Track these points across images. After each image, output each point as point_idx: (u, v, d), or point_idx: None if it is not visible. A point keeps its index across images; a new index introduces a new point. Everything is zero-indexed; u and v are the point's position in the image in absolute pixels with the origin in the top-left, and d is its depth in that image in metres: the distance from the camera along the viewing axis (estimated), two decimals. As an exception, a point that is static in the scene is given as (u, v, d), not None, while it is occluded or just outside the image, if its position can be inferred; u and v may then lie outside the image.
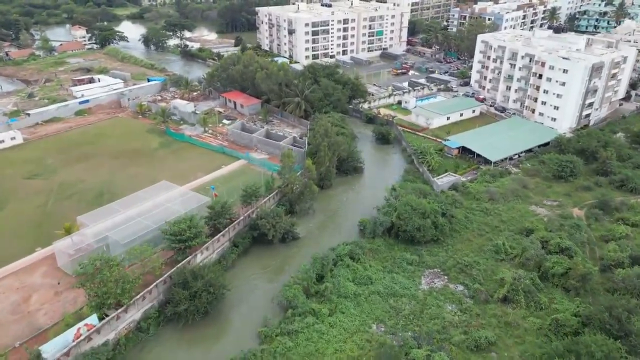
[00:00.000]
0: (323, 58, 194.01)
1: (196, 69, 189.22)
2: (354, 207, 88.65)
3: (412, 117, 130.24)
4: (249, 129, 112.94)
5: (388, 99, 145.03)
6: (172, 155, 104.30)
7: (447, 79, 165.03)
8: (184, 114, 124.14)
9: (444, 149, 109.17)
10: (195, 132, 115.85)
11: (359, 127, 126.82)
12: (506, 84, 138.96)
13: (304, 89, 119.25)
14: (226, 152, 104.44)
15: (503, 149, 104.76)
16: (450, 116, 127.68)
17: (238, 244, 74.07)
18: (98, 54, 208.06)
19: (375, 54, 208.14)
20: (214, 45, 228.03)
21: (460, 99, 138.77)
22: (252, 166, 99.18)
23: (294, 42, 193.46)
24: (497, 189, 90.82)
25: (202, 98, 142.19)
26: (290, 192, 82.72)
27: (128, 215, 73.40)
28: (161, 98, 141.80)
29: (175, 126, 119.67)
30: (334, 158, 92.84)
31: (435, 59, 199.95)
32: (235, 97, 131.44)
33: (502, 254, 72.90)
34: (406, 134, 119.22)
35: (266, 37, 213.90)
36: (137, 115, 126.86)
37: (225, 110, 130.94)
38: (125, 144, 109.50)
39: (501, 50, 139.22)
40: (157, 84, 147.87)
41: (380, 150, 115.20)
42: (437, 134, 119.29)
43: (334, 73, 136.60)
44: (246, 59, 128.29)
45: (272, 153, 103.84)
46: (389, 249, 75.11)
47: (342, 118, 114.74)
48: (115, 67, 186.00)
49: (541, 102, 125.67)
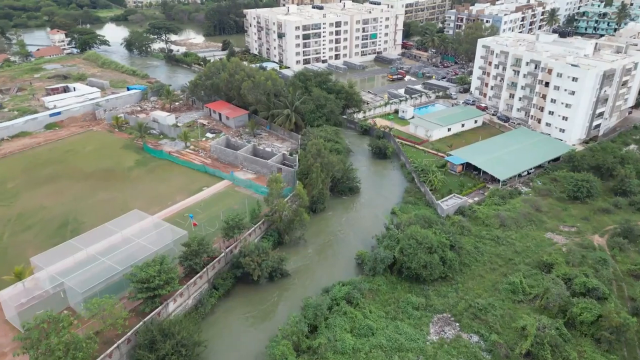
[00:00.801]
0: (315, 63, 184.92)
1: (181, 75, 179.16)
2: (351, 235, 79.53)
3: (411, 128, 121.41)
4: (234, 144, 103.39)
5: (384, 108, 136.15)
6: (148, 176, 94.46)
7: (445, 85, 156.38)
8: (164, 127, 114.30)
9: (447, 165, 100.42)
10: (175, 148, 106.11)
11: (353, 140, 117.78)
12: (509, 92, 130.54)
13: (294, 100, 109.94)
14: (209, 171, 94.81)
15: (511, 166, 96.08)
16: (451, 127, 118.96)
17: (218, 285, 64.56)
18: (77, 59, 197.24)
19: (369, 58, 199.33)
20: (201, 49, 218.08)
21: (461, 108, 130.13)
22: (237, 188, 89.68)
23: (284, 46, 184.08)
24: (507, 213, 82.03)
25: (185, 108, 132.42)
26: (279, 220, 73.41)
27: (91, 254, 63.67)
28: (141, 109, 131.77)
29: (155, 141, 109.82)
30: (327, 180, 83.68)
31: (432, 63, 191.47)
32: (220, 108, 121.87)
33: (520, 294, 64.05)
34: (405, 148, 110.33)
35: (255, 41, 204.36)
36: (112, 129, 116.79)
37: (210, 123, 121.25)
38: (97, 162, 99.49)
39: (504, 56, 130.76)
40: (137, 93, 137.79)
41: (378, 165, 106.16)
42: (438, 147, 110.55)
43: (326, 81, 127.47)
44: (232, 67, 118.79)
45: (260, 172, 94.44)
46: (391, 289, 65.93)
47: (335, 132, 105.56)
48: (94, 73, 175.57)
49: (548, 112, 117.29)
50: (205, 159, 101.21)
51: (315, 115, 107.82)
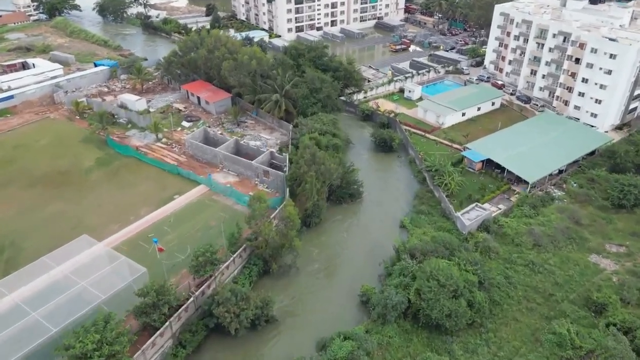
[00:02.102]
0: (309, 31, 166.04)
1: (159, 46, 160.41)
2: (352, 258, 65.45)
3: (419, 112, 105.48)
4: (214, 138, 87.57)
5: (388, 87, 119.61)
6: (110, 180, 79.06)
7: (455, 57, 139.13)
8: (134, 115, 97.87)
9: (464, 161, 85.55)
10: (145, 142, 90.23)
11: (353, 127, 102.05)
12: (531, 68, 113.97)
13: (284, 83, 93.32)
14: (182, 173, 79.47)
15: (540, 163, 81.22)
16: (466, 111, 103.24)
17: (186, 342, 50.71)
18: (44, 27, 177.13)
19: (368, 24, 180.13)
20: (183, 14, 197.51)
21: (475, 87, 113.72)
22: (216, 196, 74.69)
23: (274, 12, 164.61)
24: (541, 228, 67.80)
25: (160, 89, 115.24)
26: (264, 246, 59.03)
27: (13, 305, 49.26)
28: (108, 89, 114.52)
29: (121, 132, 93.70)
30: (324, 189, 68.84)
31: (438, 30, 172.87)
32: (199, 90, 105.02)
33: (568, 349, 50.66)
34: (413, 137, 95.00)
35: (242, 5, 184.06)
36: (73, 116, 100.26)
37: (187, 108, 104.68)
38: (50, 162, 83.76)
39: (525, 26, 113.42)
40: (105, 70, 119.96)
41: (382, 161, 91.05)
42: (452, 137, 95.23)
43: (321, 56, 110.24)
44: (211, 42, 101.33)
45: (243, 174, 79.29)
46: (405, 341, 52.32)
47: (333, 121, 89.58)
48: (61, 44, 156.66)
49: (578, 93, 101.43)
50: (180, 156, 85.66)
51: (309, 102, 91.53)
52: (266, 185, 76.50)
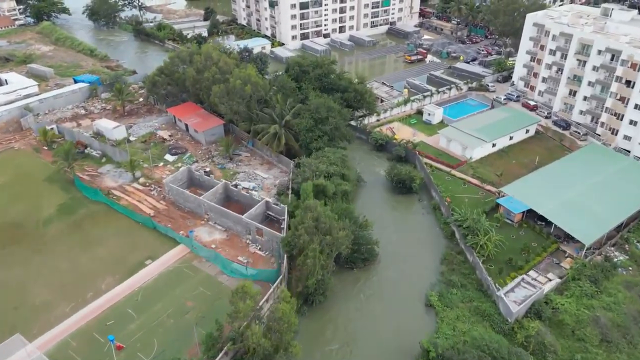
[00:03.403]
0: (314, 39, 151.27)
1: (152, 54, 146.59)
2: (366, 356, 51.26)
3: (441, 140, 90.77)
4: (199, 180, 73.41)
5: (403, 107, 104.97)
6: (71, 235, 65.18)
7: (478, 71, 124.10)
8: (109, 148, 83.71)
9: (499, 209, 70.99)
10: (120, 181, 76.39)
11: (365, 159, 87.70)
12: (570, 88, 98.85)
13: (284, 112, 78.88)
14: (158, 228, 65.46)
15: (595, 216, 66.38)
16: (496, 142, 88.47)
17: None
18: (30, 32, 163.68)
19: (380, 30, 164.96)
20: (179, 18, 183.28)
21: (506, 111, 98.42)
22: (197, 261, 60.63)
23: (277, 17, 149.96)
24: (607, 313, 53.26)
25: (145, 110, 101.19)
26: (251, 353, 44.85)
27: None
28: (86, 112, 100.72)
29: (94, 168, 79.92)
30: (329, 262, 54.54)
31: (457, 38, 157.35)
32: (187, 116, 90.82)
33: None
34: (435, 174, 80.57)
35: (243, 9, 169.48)
36: (41, 147, 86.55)
37: (173, 135, 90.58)
38: (4, 208, 70.07)
39: (564, 40, 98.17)
40: (84, 88, 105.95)
41: (400, 206, 76.58)
42: (481, 174, 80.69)
43: (328, 73, 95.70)
44: (200, 60, 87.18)
45: (232, 229, 65.18)
46: None
47: (342, 159, 75.03)
48: (44, 53, 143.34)
49: (629, 122, 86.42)
50: (159, 202, 71.65)
51: (314, 134, 76.96)
52: (259, 246, 62.38)
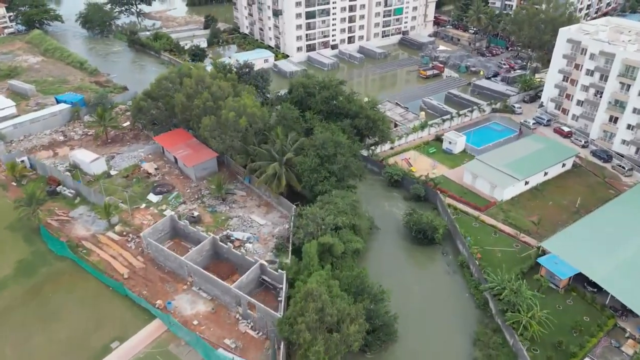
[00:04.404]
0: (321, 50, 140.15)
1: (147, 67, 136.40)
2: None
3: (465, 175, 79.34)
4: (184, 231, 62.42)
5: (420, 132, 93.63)
6: (27, 305, 54.36)
7: (501, 89, 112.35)
8: (82, 187, 72.70)
9: (541, 270, 59.51)
10: (94, 229, 65.63)
11: (378, 196, 76.56)
12: (611, 114, 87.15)
13: (286, 148, 67.66)
14: (130, 296, 54.54)
15: (658, 283, 54.93)
16: (529, 179, 76.86)
17: None
18: (19, 42, 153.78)
19: (392, 40, 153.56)
20: (179, 26, 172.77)
21: (538, 141, 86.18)
22: (175, 343, 49.64)
23: (281, 27, 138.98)
24: None
25: (132, 136, 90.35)
26: None
27: None
28: (65, 138, 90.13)
29: (65, 211, 69.25)
30: (337, 358, 43.36)
31: (475, 49, 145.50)
32: (175, 146, 79.94)
33: None
34: (460, 217, 69.24)
35: (245, 17, 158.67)
36: (9, 183, 75.99)
37: (160, 169, 79.68)
38: (-47, 265, 59.73)
39: (604, 59, 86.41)
40: (65, 110, 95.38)
41: (420, 261, 65.23)
42: (514, 220, 69.34)
43: (337, 95, 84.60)
44: (191, 85, 76.29)
45: (219, 299, 54.15)
46: None
47: (352, 205, 63.63)
48: (32, 65, 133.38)
49: (685, 157, 74.75)
50: (136, 257, 60.79)
51: (320, 175, 65.72)
52: (251, 324, 51.30)
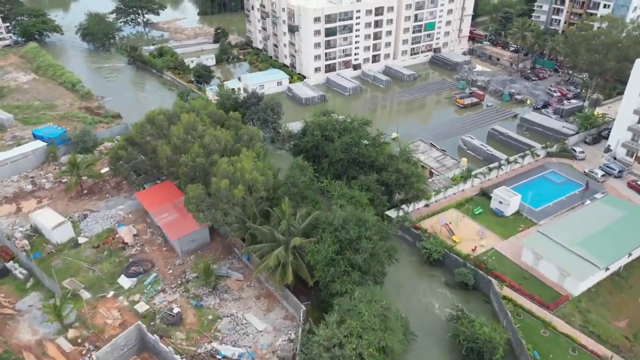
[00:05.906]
0: (342, 70, 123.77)
1: (149, 88, 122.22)
2: None
3: (525, 254, 62.00)
4: (154, 347, 46.55)
5: (462, 184, 76.54)
6: None
7: (558, 127, 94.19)
8: (35, 268, 57.48)
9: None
10: (42, 331, 50.34)
11: (412, 279, 59.98)
12: None
13: (293, 227, 51.28)
14: None
15: None
16: (610, 266, 59.15)
17: None
18: (13, 56, 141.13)
19: (421, 59, 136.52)
20: (186, 39, 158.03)
21: (616, 206, 67.76)
22: None
23: (297, 44, 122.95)
24: None
25: (113, 185, 75.33)
26: None
27: None
28: (34, 187, 75.37)
29: (13, 299, 54.25)
30: None
31: (518, 70, 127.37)
32: (160, 207, 64.41)
33: None
34: (523, 321, 52.12)
35: (259, 31, 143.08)
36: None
37: (139, 235, 64.21)
38: None
39: (700, 102, 68.20)
40: (39, 150, 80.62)
41: (472, 389, 48.42)
42: (595, 325, 52.18)
43: (360, 140, 68.29)
44: (179, 133, 60.57)
45: None
46: None
47: (382, 316, 46.70)
48: (20, 85, 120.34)
49: None
50: (91, 382, 45.29)
51: (338, 270, 49.06)
52: None
